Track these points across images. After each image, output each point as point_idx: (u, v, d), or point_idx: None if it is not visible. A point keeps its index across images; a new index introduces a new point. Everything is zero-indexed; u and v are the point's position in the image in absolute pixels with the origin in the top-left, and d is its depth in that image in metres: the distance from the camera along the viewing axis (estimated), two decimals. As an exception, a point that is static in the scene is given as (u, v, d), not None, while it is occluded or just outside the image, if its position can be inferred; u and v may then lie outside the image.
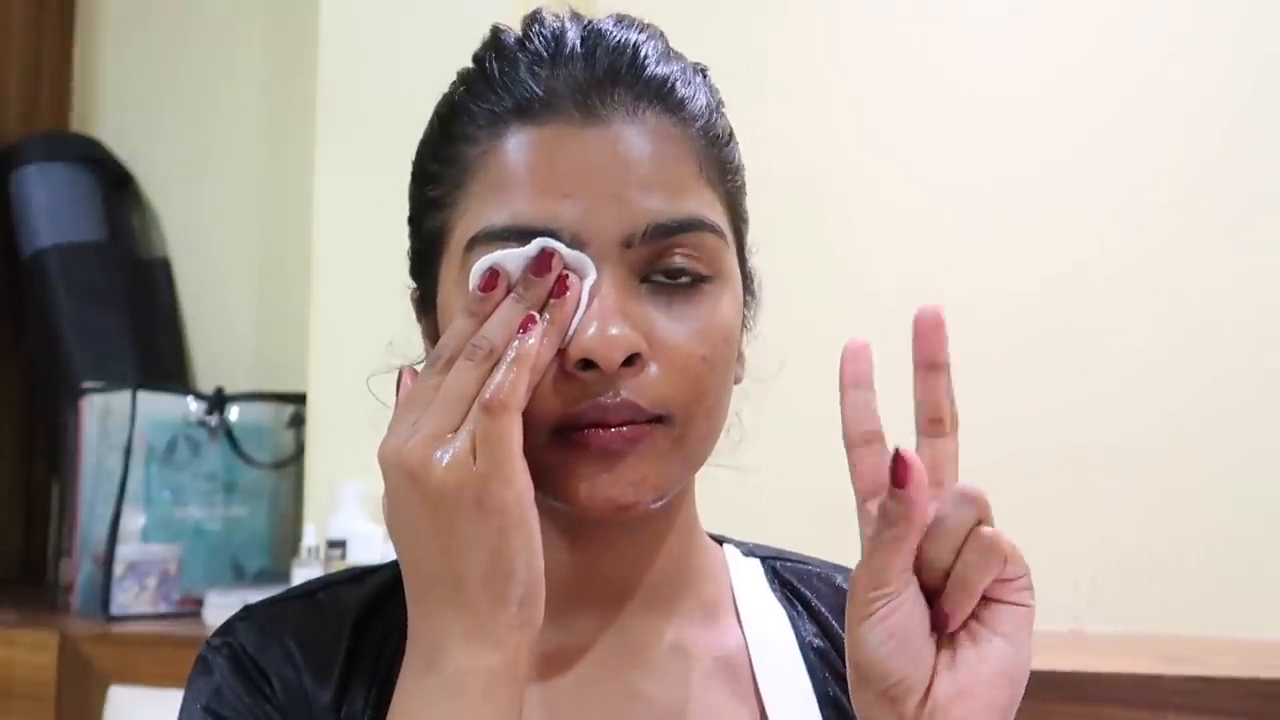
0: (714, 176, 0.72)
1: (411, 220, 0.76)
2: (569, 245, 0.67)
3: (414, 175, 0.76)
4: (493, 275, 0.67)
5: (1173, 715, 1.38)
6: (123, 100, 2.35)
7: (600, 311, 0.66)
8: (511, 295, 0.66)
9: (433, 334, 0.75)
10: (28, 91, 2.29)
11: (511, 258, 0.67)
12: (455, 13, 1.79)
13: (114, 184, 2.25)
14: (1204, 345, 1.84)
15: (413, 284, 0.77)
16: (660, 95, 0.70)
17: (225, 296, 2.26)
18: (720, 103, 0.75)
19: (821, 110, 1.97)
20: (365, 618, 0.76)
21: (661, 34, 0.74)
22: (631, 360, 0.66)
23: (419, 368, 0.70)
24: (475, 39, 0.74)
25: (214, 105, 2.30)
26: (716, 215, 0.71)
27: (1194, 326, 1.85)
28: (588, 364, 0.66)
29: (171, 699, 0.75)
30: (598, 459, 0.67)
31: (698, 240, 0.69)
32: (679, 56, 0.74)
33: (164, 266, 2.27)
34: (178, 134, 2.31)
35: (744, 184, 0.76)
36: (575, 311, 0.66)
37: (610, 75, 0.69)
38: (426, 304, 0.75)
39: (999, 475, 2.15)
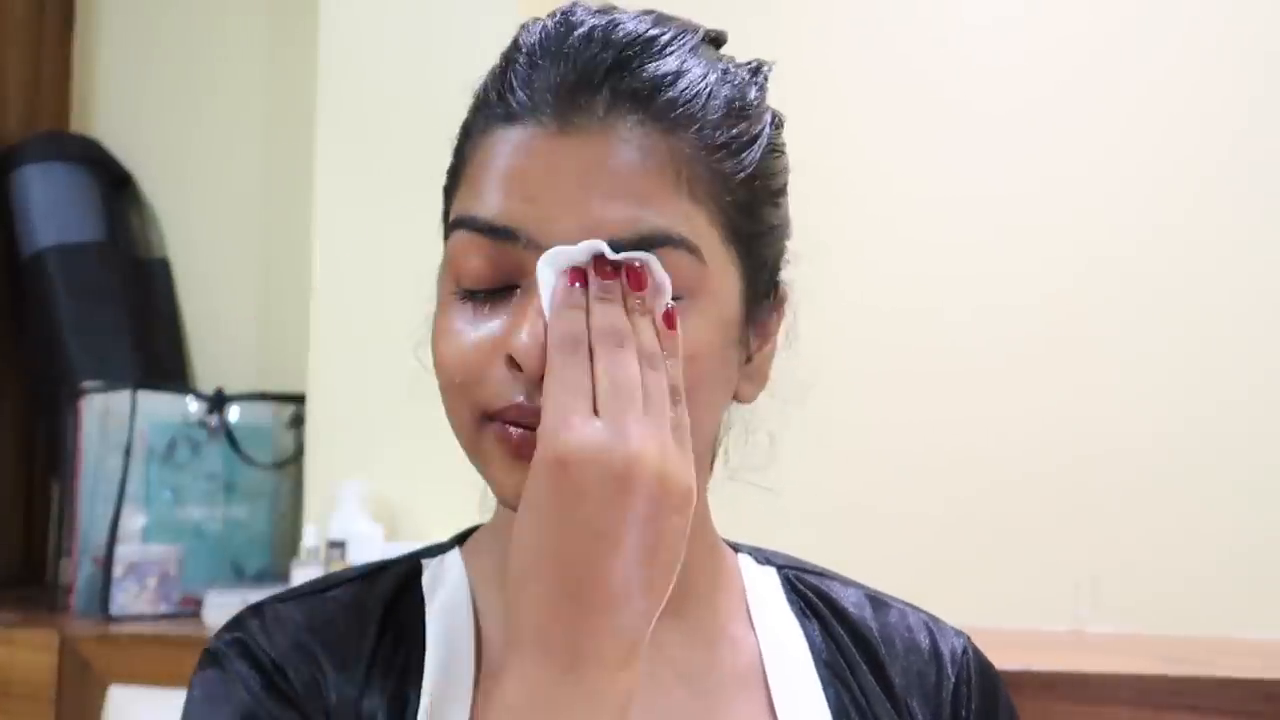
0: (700, 188, 0.68)
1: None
2: (526, 247, 0.66)
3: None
4: (576, 271, 0.65)
5: (1173, 715, 1.38)
6: (123, 100, 2.35)
7: (539, 313, 0.65)
8: (592, 289, 0.64)
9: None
10: (28, 91, 2.28)
11: (570, 254, 0.65)
12: (455, 14, 1.79)
13: (114, 184, 2.25)
14: (1203, 349, 1.84)
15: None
16: (642, 101, 0.67)
17: (225, 296, 2.26)
18: (742, 108, 0.71)
19: (816, 120, 1.96)
20: (387, 614, 0.75)
21: (683, 30, 0.72)
22: None
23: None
24: (474, 39, 0.74)
25: (214, 106, 2.30)
26: (691, 229, 0.67)
27: (1193, 332, 1.85)
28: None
29: (171, 699, 0.75)
30: (513, 455, 0.66)
31: (660, 257, 0.65)
32: (696, 55, 0.71)
33: (164, 266, 2.27)
34: (178, 134, 2.31)
35: (760, 193, 0.72)
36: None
37: (589, 79, 0.67)
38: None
39: (1002, 478, 2.14)
